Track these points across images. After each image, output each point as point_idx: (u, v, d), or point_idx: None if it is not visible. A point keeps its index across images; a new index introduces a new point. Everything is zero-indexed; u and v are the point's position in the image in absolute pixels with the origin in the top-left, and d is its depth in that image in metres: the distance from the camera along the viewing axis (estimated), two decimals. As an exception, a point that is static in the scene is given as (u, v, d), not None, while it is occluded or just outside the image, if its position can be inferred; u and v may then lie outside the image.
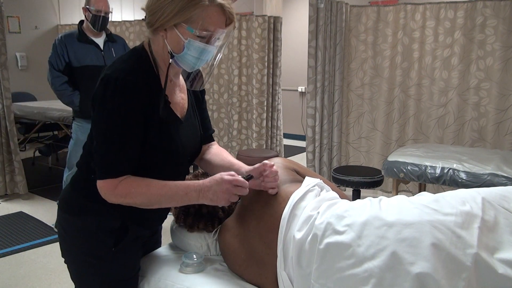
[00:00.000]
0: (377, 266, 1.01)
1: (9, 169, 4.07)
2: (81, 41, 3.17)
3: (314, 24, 3.92)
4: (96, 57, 3.18)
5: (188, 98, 1.38)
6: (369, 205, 1.16)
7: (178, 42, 1.19)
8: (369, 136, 4.14)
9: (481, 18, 3.52)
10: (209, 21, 1.16)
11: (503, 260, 1.00)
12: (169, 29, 1.18)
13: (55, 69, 3.17)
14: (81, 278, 1.36)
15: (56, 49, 3.16)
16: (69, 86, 3.19)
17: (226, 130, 4.80)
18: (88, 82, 3.16)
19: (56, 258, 2.94)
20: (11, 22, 5.94)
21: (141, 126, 1.20)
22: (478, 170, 2.58)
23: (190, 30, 1.16)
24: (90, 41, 3.19)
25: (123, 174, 1.20)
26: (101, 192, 1.20)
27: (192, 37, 1.17)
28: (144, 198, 1.20)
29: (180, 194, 1.22)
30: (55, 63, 3.16)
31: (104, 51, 3.22)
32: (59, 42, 3.16)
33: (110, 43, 3.25)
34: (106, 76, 1.18)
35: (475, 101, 3.62)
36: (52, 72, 3.19)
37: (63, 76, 3.18)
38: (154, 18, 1.18)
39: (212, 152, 1.49)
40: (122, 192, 1.19)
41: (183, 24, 1.16)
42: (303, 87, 7.10)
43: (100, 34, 3.22)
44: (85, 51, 3.16)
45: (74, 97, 3.20)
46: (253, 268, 1.27)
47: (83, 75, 3.18)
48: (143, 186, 1.20)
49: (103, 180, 1.19)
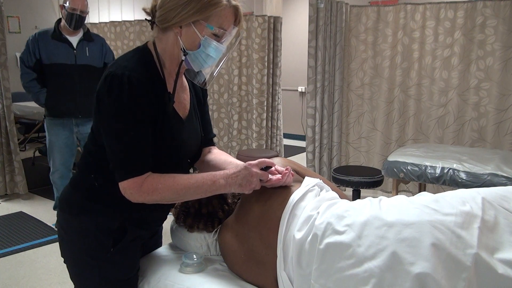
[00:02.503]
0: (377, 266, 1.01)
1: (9, 169, 4.07)
2: (55, 38, 3.16)
3: (314, 24, 3.92)
4: (67, 55, 3.17)
5: (190, 99, 1.38)
6: (369, 205, 1.16)
7: (194, 39, 1.21)
8: (369, 136, 4.14)
9: (481, 18, 3.52)
10: (224, 20, 1.21)
11: (503, 260, 1.00)
12: (186, 26, 1.20)
13: (25, 65, 3.18)
14: (80, 278, 1.36)
15: (28, 45, 3.18)
16: (38, 83, 3.22)
17: (226, 130, 4.80)
18: (56, 79, 3.20)
19: (56, 258, 2.94)
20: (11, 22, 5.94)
21: (150, 122, 1.20)
22: (478, 170, 2.58)
23: (210, 27, 1.19)
24: (64, 39, 3.18)
25: (147, 170, 1.19)
26: (125, 193, 1.19)
27: (208, 34, 1.20)
28: (171, 191, 1.20)
29: (208, 183, 1.22)
30: (26, 60, 3.18)
31: (77, 49, 3.19)
32: (32, 39, 3.18)
33: (85, 42, 3.23)
34: (110, 73, 1.16)
35: (475, 101, 3.62)
36: (22, 68, 3.21)
37: (32, 72, 3.19)
38: (171, 15, 1.18)
39: (213, 154, 1.49)
40: (149, 189, 1.18)
41: (202, 21, 1.18)
42: (303, 87, 7.10)
43: (76, 33, 3.20)
44: (56, 48, 3.16)
45: (41, 94, 3.22)
46: (253, 268, 1.27)
47: (52, 73, 3.19)
48: (169, 179, 1.20)
49: (126, 180, 1.17)
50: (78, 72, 3.21)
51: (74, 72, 3.19)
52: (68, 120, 3.26)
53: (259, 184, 1.26)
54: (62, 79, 3.20)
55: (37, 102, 3.30)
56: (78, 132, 3.31)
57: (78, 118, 3.26)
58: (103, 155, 1.24)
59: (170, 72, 1.29)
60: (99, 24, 5.25)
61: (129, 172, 1.17)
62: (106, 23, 5.19)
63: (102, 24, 5.22)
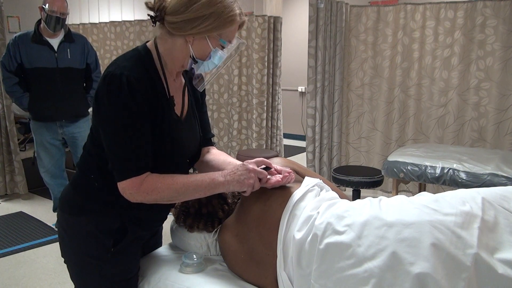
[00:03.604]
0: (377, 266, 1.01)
1: (9, 169, 4.08)
2: (35, 41, 3.10)
3: (314, 24, 3.92)
4: (49, 58, 3.11)
5: (188, 99, 1.38)
6: (369, 205, 1.17)
7: (205, 50, 1.23)
8: (369, 136, 4.14)
9: (481, 18, 3.52)
10: (233, 33, 1.25)
11: (503, 260, 1.00)
12: (199, 37, 1.21)
13: (7, 70, 3.14)
14: (80, 278, 1.36)
15: (9, 49, 3.13)
16: (20, 88, 3.17)
17: (226, 130, 4.80)
18: (39, 84, 3.15)
19: (56, 258, 2.94)
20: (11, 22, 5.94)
21: (149, 122, 1.20)
22: (478, 170, 2.58)
23: (223, 42, 1.23)
24: (44, 42, 3.11)
25: (146, 170, 1.19)
26: (124, 193, 1.19)
27: (218, 46, 1.23)
28: (171, 190, 1.20)
29: (206, 181, 1.23)
30: (7, 64, 3.13)
31: (58, 52, 3.13)
32: (12, 43, 3.13)
33: (66, 43, 3.16)
34: (109, 73, 1.16)
35: (475, 101, 3.62)
36: (3, 73, 3.17)
37: (14, 77, 3.15)
38: (188, 25, 1.18)
39: (212, 154, 1.49)
40: (148, 189, 1.18)
41: (216, 35, 1.21)
42: (303, 87, 7.10)
43: (56, 35, 3.14)
44: (37, 52, 3.10)
45: (23, 99, 3.18)
46: (253, 268, 1.27)
47: (34, 77, 3.14)
48: (168, 179, 1.21)
49: (125, 180, 1.17)
50: (60, 76, 3.16)
51: (56, 75, 3.13)
52: (52, 124, 3.23)
53: (258, 184, 1.27)
54: (44, 83, 3.14)
55: (20, 106, 3.26)
56: (63, 133, 3.28)
57: (62, 121, 3.24)
58: (102, 155, 1.24)
59: (170, 72, 1.29)
60: (99, 24, 5.25)
61: (128, 172, 1.17)
62: (106, 23, 5.19)
63: (102, 24, 5.22)
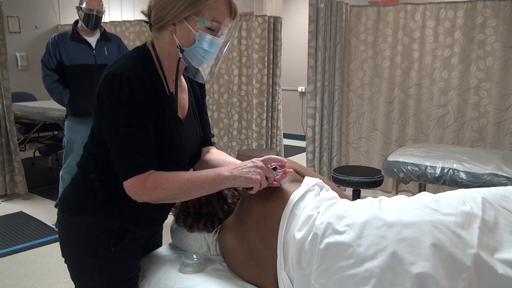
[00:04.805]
0: (377, 266, 1.01)
1: (9, 169, 4.07)
2: (74, 40, 3.24)
3: (314, 24, 3.92)
4: (87, 56, 3.24)
5: (188, 99, 1.38)
6: (369, 205, 1.16)
7: (189, 36, 1.20)
8: (369, 136, 4.14)
9: (481, 18, 3.52)
10: (218, 12, 1.19)
11: (503, 260, 1.00)
12: (179, 23, 1.20)
13: (47, 67, 3.26)
14: (81, 278, 1.36)
15: (49, 48, 3.25)
16: (60, 85, 3.29)
17: (226, 130, 4.80)
18: (78, 80, 3.27)
19: (56, 258, 2.94)
20: (11, 22, 5.94)
21: (151, 121, 1.20)
22: (478, 170, 2.58)
23: (202, 22, 1.18)
24: (83, 40, 3.25)
25: (150, 168, 1.18)
26: (129, 192, 1.18)
27: (202, 29, 1.19)
28: (175, 187, 1.19)
29: (211, 176, 1.21)
30: (47, 62, 3.25)
31: (96, 50, 3.27)
32: (52, 41, 3.25)
33: (103, 42, 3.31)
34: (109, 73, 1.17)
35: (475, 101, 3.62)
36: (44, 71, 3.28)
37: (54, 74, 3.26)
38: (164, 13, 1.19)
39: (212, 154, 1.49)
40: (153, 186, 1.17)
41: (194, 16, 1.18)
42: (303, 87, 7.10)
43: (93, 33, 3.28)
44: (76, 50, 3.23)
45: (64, 95, 3.28)
46: (253, 268, 1.27)
47: (73, 74, 3.26)
48: (172, 175, 1.20)
49: (130, 178, 1.17)
50: (98, 72, 3.23)
51: (95, 72, 3.24)
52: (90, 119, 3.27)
53: (265, 182, 1.25)
54: (83, 79, 3.27)
55: (60, 103, 3.36)
56: None
57: None
58: (102, 155, 1.24)
59: (169, 71, 1.29)
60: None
61: (131, 170, 1.17)
62: (106, 23, 5.19)
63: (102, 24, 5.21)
